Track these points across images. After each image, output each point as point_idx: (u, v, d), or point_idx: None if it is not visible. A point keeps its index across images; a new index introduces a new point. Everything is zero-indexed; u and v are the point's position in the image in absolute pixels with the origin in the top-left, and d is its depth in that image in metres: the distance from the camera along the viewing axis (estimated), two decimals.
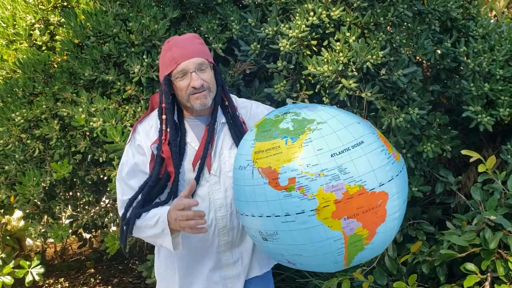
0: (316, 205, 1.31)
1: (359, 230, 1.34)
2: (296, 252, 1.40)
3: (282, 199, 1.33)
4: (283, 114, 1.45)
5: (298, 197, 1.31)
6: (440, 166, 2.67)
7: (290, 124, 1.39)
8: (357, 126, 1.42)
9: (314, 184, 1.30)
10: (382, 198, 1.35)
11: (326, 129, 1.36)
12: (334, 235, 1.33)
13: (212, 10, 2.55)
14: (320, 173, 1.31)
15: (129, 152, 1.73)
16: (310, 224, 1.32)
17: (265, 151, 1.38)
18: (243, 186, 1.43)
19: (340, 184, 1.30)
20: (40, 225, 2.54)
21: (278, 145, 1.36)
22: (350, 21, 2.30)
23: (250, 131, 1.52)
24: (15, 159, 2.41)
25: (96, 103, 2.28)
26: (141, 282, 3.85)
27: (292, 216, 1.33)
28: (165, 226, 1.57)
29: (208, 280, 1.77)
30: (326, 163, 1.31)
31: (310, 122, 1.39)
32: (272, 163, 1.35)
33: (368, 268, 2.48)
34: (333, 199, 1.30)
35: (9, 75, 2.67)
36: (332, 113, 1.43)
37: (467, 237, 2.19)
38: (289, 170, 1.32)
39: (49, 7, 2.73)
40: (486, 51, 2.58)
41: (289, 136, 1.36)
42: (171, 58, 1.65)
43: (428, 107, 2.45)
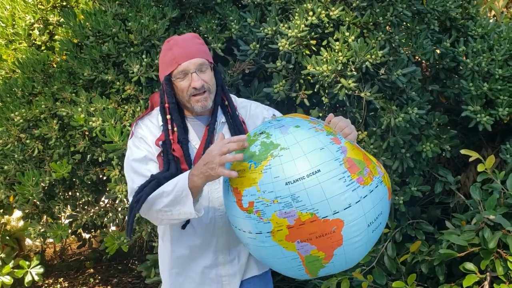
0: (270, 228, 1.41)
1: (314, 252, 1.42)
2: (266, 262, 1.54)
3: (245, 219, 1.45)
4: (259, 134, 1.50)
5: (256, 219, 1.42)
6: (439, 165, 2.67)
7: (257, 148, 1.45)
8: (318, 153, 1.42)
9: (268, 209, 1.40)
10: (336, 225, 1.40)
11: (287, 156, 1.41)
12: (290, 255, 1.44)
13: (211, 10, 2.55)
14: (275, 200, 1.38)
15: (134, 145, 1.71)
16: (268, 244, 1.44)
17: (238, 171, 1.46)
18: (226, 199, 1.55)
19: (292, 211, 1.38)
20: (40, 225, 2.54)
21: (244, 169, 1.44)
22: (349, 20, 2.30)
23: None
24: (14, 159, 2.41)
25: (95, 103, 2.28)
26: (140, 282, 3.85)
27: (253, 234, 1.46)
28: (185, 187, 1.52)
29: (204, 277, 1.77)
30: (280, 190, 1.38)
31: (275, 147, 1.43)
32: (239, 184, 1.45)
33: (368, 267, 2.48)
34: (286, 224, 1.39)
35: (8, 75, 2.67)
36: (299, 138, 1.44)
37: (466, 236, 2.19)
38: (249, 194, 1.42)
39: (48, 7, 2.73)
40: (485, 51, 2.59)
41: (254, 161, 1.44)
42: (172, 58, 1.65)
43: (427, 107, 2.45)
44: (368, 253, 2.48)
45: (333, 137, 1.48)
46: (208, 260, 1.77)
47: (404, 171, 2.47)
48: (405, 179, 2.56)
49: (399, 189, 2.48)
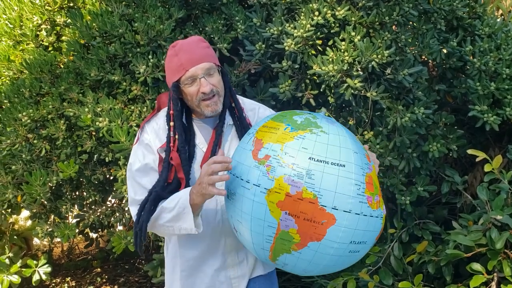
0: (271, 186, 1.40)
1: (292, 231, 1.40)
2: (238, 218, 1.51)
3: (251, 167, 1.45)
4: (306, 113, 1.54)
5: (262, 172, 1.42)
6: (446, 165, 2.66)
7: (300, 120, 1.48)
8: (351, 153, 1.44)
9: (279, 169, 1.40)
10: (327, 219, 1.39)
11: (323, 138, 1.43)
12: (270, 220, 1.42)
13: (217, 10, 2.56)
14: (290, 165, 1.39)
15: (138, 152, 1.72)
16: (257, 199, 1.42)
17: (268, 127, 1.50)
18: (240, 147, 1.56)
19: (299, 183, 1.38)
20: (47, 225, 2.56)
21: (278, 127, 1.48)
22: (355, 20, 2.30)
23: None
24: (22, 159, 2.43)
25: (102, 103, 2.29)
26: (147, 282, 3.86)
27: (250, 184, 1.44)
28: (187, 204, 1.55)
29: (213, 280, 1.77)
30: (301, 161, 1.39)
31: (317, 126, 1.46)
32: (264, 137, 1.48)
33: (374, 268, 2.48)
34: (287, 191, 1.38)
35: (16, 76, 2.69)
36: (341, 133, 1.48)
37: (473, 237, 2.18)
38: (270, 149, 1.44)
39: (56, 8, 2.74)
40: (493, 50, 2.57)
41: (292, 126, 1.46)
42: (179, 64, 1.64)
43: (434, 107, 2.44)
44: (374, 253, 2.49)
45: (367, 154, 1.53)
46: (217, 263, 1.77)
47: (410, 171, 2.46)
48: (411, 179, 2.55)
49: (406, 189, 2.47)
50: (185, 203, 1.56)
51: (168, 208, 1.60)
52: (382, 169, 2.40)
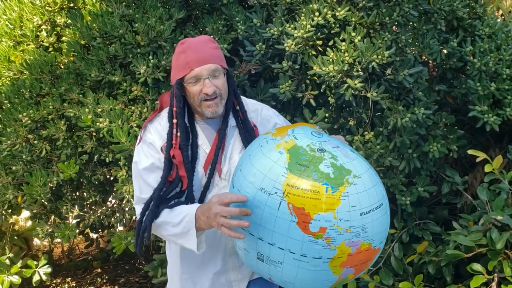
0: (334, 255, 1.37)
1: (350, 276, 1.46)
2: (290, 280, 1.46)
3: (305, 242, 1.37)
4: (319, 150, 1.44)
5: (322, 245, 1.36)
6: (446, 166, 2.65)
7: (330, 170, 1.39)
8: (379, 186, 1.48)
9: (340, 237, 1.36)
10: (376, 253, 1.48)
11: (360, 186, 1.40)
12: (331, 279, 1.44)
13: (217, 11, 2.56)
14: (348, 229, 1.36)
15: (141, 152, 1.70)
16: (320, 268, 1.39)
17: (301, 189, 1.36)
18: (261, 209, 1.41)
19: (358, 241, 1.38)
20: (47, 225, 2.56)
21: (318, 191, 1.36)
22: (355, 21, 2.30)
23: (278, 153, 1.45)
24: (22, 160, 2.43)
25: (102, 103, 2.29)
26: (147, 282, 3.86)
27: (308, 258, 1.38)
28: (192, 226, 1.53)
29: (214, 283, 1.77)
30: (355, 220, 1.37)
31: (348, 172, 1.41)
32: (307, 206, 1.35)
33: (374, 268, 2.48)
34: (348, 252, 1.38)
35: (16, 76, 2.69)
36: (363, 167, 1.47)
37: (473, 237, 2.18)
38: (323, 220, 1.35)
39: (56, 9, 2.74)
40: (493, 51, 2.57)
41: (330, 185, 1.37)
42: (185, 62, 1.62)
43: (434, 107, 2.44)
44: None
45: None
46: (218, 266, 1.76)
47: (411, 171, 2.46)
48: (412, 180, 2.55)
49: (406, 189, 2.47)
50: (190, 225, 1.53)
51: (172, 222, 1.58)
52: (382, 169, 2.40)
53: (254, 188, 1.42)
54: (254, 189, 1.42)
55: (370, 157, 2.33)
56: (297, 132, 1.52)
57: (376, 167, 2.39)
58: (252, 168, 1.46)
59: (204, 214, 1.49)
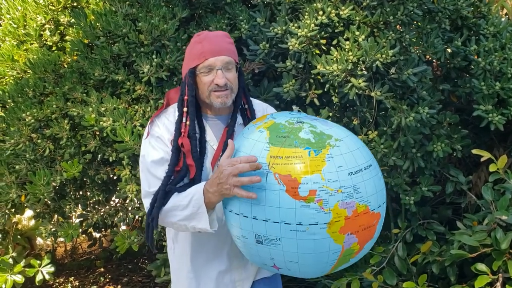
0: (329, 219, 1.35)
1: (354, 245, 1.42)
2: (293, 259, 1.43)
3: (298, 209, 1.35)
4: (297, 123, 1.46)
5: (316, 209, 1.34)
6: (450, 165, 2.65)
7: (310, 136, 1.41)
8: (364, 149, 1.50)
9: (332, 199, 1.34)
10: (377, 218, 1.45)
11: (344, 147, 1.41)
12: (335, 248, 1.40)
13: (221, 10, 2.55)
14: (339, 189, 1.35)
15: (149, 145, 1.69)
16: (319, 236, 1.36)
17: (284, 157, 1.37)
18: (249, 187, 1.41)
19: (352, 202, 1.36)
20: (51, 224, 2.56)
21: (301, 155, 1.36)
22: (359, 20, 2.29)
23: (258, 132, 1.48)
24: (26, 159, 2.43)
25: (106, 103, 2.29)
26: (150, 281, 3.86)
27: (304, 226, 1.36)
28: (201, 203, 1.51)
29: (218, 282, 1.77)
30: (344, 180, 1.36)
31: (328, 137, 1.42)
32: (292, 171, 1.35)
33: (378, 268, 2.47)
34: (345, 215, 1.36)
35: (19, 75, 2.69)
36: (344, 132, 1.49)
37: (478, 237, 2.17)
38: (311, 182, 1.34)
39: (59, 8, 2.74)
40: (497, 50, 2.56)
41: (312, 148, 1.38)
42: (201, 52, 1.63)
43: (438, 106, 2.43)
44: (378, 253, 2.49)
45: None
46: (223, 265, 1.76)
47: (415, 171, 2.46)
48: (415, 179, 2.55)
49: (410, 189, 2.46)
50: (200, 202, 1.51)
51: (181, 205, 1.56)
52: (386, 169, 2.39)
53: None
54: None
55: (374, 156, 2.32)
56: (276, 114, 1.58)
57: (380, 167, 2.38)
58: (236, 153, 1.49)
59: (213, 184, 1.48)
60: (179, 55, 2.29)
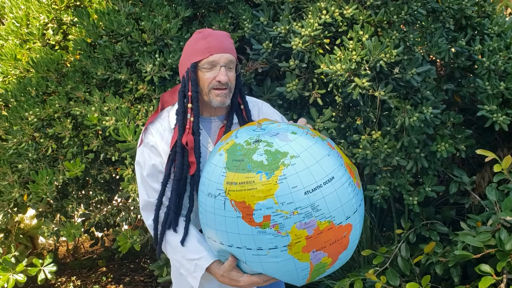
0: (289, 241, 1.34)
1: (324, 259, 1.39)
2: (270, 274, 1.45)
3: (255, 235, 1.35)
4: (254, 142, 1.41)
5: (272, 234, 1.33)
6: (454, 166, 2.63)
7: (263, 157, 1.35)
8: (327, 159, 1.40)
9: (288, 222, 1.32)
10: (347, 230, 1.40)
11: (300, 165, 1.34)
12: (302, 266, 1.38)
13: (224, 9, 2.55)
14: (294, 211, 1.32)
15: (144, 153, 1.69)
16: (281, 258, 1.36)
17: (238, 183, 1.35)
18: (212, 214, 1.42)
19: (312, 221, 1.33)
20: (53, 224, 2.56)
21: (253, 180, 1.34)
22: (363, 19, 2.28)
23: (218, 155, 1.45)
24: (28, 158, 2.43)
25: (108, 102, 2.29)
26: (152, 281, 3.85)
27: (265, 250, 1.36)
28: (200, 272, 1.59)
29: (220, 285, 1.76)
30: (300, 201, 1.32)
31: (283, 155, 1.35)
32: (246, 198, 1.34)
33: (381, 268, 2.46)
34: (305, 235, 1.33)
35: (22, 74, 2.69)
36: (304, 145, 1.40)
37: (482, 238, 2.15)
38: (264, 208, 1.32)
39: (62, 7, 2.74)
40: (502, 49, 2.54)
41: (264, 171, 1.33)
42: (205, 47, 1.62)
43: (442, 106, 2.42)
44: (381, 254, 2.48)
45: (326, 141, 1.47)
46: None
47: (418, 171, 2.45)
48: (419, 179, 2.54)
49: (413, 189, 2.45)
50: (199, 270, 1.59)
51: (184, 255, 1.63)
52: (389, 169, 2.38)
53: (204, 195, 1.45)
54: (204, 196, 1.45)
55: (377, 157, 2.32)
56: (240, 132, 1.50)
57: (383, 167, 2.37)
58: (202, 177, 1.49)
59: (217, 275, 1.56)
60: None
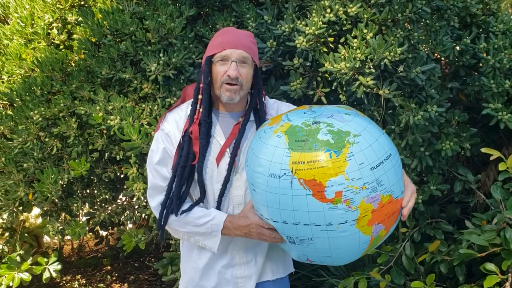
0: (357, 215, 1.41)
1: (381, 232, 1.49)
2: (325, 254, 1.50)
3: (326, 211, 1.40)
4: (314, 124, 1.46)
5: (344, 209, 1.39)
6: (459, 164, 2.63)
7: (329, 137, 1.42)
8: (383, 138, 1.51)
9: (358, 196, 1.39)
10: (400, 203, 1.53)
11: (363, 143, 1.43)
12: (365, 239, 1.47)
13: (228, 8, 2.55)
14: (363, 186, 1.40)
15: (158, 139, 1.74)
16: (349, 232, 1.42)
17: (306, 162, 1.39)
18: (276, 194, 1.45)
19: (377, 195, 1.42)
20: (58, 223, 2.57)
21: (322, 158, 1.39)
22: (367, 17, 2.28)
23: (276, 137, 1.48)
24: (34, 157, 2.44)
25: (113, 101, 2.29)
26: (157, 280, 3.87)
27: (334, 225, 1.42)
28: (218, 230, 1.66)
29: (220, 277, 1.78)
30: (367, 176, 1.40)
31: (347, 134, 1.43)
32: (317, 175, 1.38)
33: (386, 267, 2.46)
34: (371, 209, 1.42)
35: (27, 74, 2.70)
36: (362, 124, 1.49)
37: (487, 236, 2.15)
38: (336, 184, 1.38)
39: (67, 6, 2.75)
40: (507, 47, 2.53)
41: (332, 150, 1.40)
42: (220, 42, 1.68)
43: (447, 105, 2.41)
44: (385, 253, 2.48)
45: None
46: (225, 260, 1.77)
47: (423, 169, 2.44)
48: (424, 178, 2.53)
49: (418, 188, 2.44)
50: (217, 228, 1.67)
51: (196, 222, 1.68)
52: None
53: (264, 176, 1.47)
54: (264, 178, 1.47)
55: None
56: (291, 115, 1.56)
57: None
58: (257, 159, 1.51)
59: (237, 228, 1.65)
60: (186, 53, 2.29)
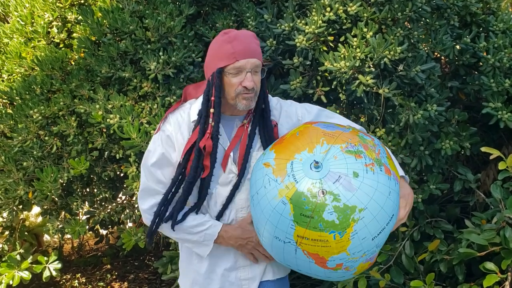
0: (355, 272, 1.57)
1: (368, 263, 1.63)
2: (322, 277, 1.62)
3: (327, 272, 1.53)
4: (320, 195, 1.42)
5: (343, 272, 1.54)
6: (458, 163, 2.62)
7: (334, 216, 1.42)
8: (389, 200, 1.48)
9: (357, 262, 1.51)
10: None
11: (368, 216, 1.44)
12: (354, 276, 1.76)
13: (227, 7, 2.54)
14: (363, 254, 1.49)
15: (157, 141, 1.71)
16: (347, 276, 1.59)
17: (311, 239, 1.45)
18: (281, 252, 1.54)
19: (374, 255, 1.57)
20: (58, 221, 2.57)
21: (326, 239, 1.44)
22: (367, 16, 2.27)
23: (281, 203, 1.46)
24: (33, 156, 2.44)
25: (112, 100, 2.29)
26: (156, 278, 3.87)
27: (333, 279, 1.63)
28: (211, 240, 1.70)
29: (223, 280, 1.77)
30: (368, 246, 1.48)
31: (352, 211, 1.42)
32: (320, 252, 1.46)
33: (385, 266, 2.46)
34: (368, 263, 1.58)
35: (27, 73, 2.70)
36: (369, 192, 1.44)
37: (486, 235, 2.15)
38: (338, 259, 1.48)
39: (67, 5, 2.75)
40: (507, 46, 2.53)
41: (337, 231, 1.43)
42: (231, 52, 1.61)
43: (447, 104, 2.41)
44: (385, 252, 2.47)
45: (384, 167, 1.51)
46: (228, 263, 1.77)
47: (422, 169, 2.44)
48: (423, 177, 2.53)
49: (418, 187, 2.44)
50: (210, 238, 1.70)
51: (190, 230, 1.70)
52: None
53: (270, 235, 1.53)
54: (270, 236, 1.54)
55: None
56: (296, 169, 1.48)
57: None
58: (262, 216, 1.53)
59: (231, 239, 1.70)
60: (185, 52, 2.29)
